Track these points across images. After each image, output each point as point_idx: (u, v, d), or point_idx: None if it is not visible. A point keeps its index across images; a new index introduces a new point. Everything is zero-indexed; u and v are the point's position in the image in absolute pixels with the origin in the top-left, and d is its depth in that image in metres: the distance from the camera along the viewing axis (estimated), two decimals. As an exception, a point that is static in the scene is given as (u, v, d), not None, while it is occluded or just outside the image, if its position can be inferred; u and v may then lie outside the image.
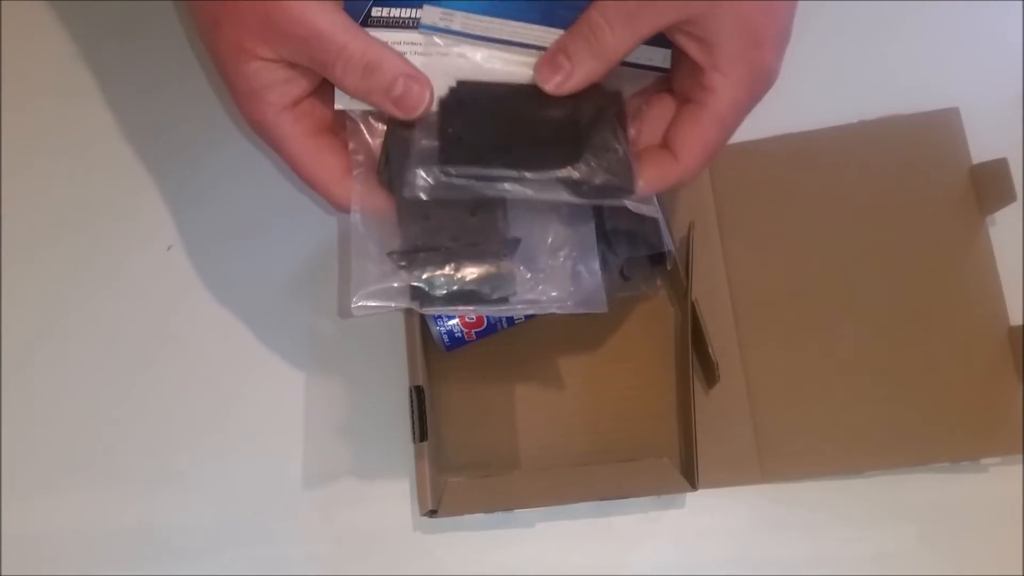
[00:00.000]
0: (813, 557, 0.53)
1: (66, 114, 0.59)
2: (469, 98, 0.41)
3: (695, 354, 0.52)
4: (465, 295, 0.42)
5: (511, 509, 0.53)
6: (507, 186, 0.40)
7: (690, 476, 0.50)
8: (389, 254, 0.42)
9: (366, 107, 0.41)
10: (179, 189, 0.58)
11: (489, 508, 0.52)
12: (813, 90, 0.57)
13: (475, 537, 0.53)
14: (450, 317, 0.52)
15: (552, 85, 0.39)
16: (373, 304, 0.42)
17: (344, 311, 0.56)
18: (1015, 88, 0.58)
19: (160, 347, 0.56)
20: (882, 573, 0.52)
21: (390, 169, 0.41)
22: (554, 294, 0.44)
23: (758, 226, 0.56)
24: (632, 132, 0.43)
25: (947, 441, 0.53)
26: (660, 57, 0.42)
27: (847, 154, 0.56)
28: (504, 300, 0.43)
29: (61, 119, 0.59)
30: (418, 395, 0.50)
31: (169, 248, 0.57)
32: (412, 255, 0.42)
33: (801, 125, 0.57)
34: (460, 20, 0.41)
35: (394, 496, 0.54)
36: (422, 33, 0.41)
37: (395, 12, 0.41)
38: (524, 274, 0.44)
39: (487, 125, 0.41)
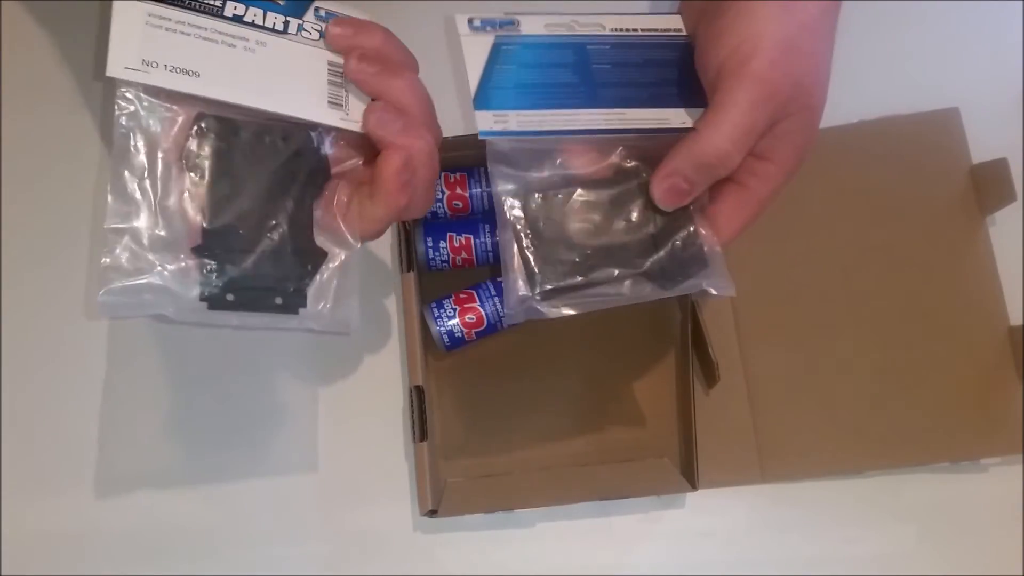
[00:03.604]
0: (813, 557, 0.53)
1: (67, 116, 0.59)
2: (541, 208, 0.43)
3: (695, 354, 0.52)
4: (248, 300, 0.40)
5: (511, 509, 0.53)
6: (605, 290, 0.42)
7: (690, 476, 0.50)
8: (193, 249, 0.39)
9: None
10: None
11: (489, 508, 0.52)
12: (813, 90, 0.57)
13: (475, 537, 0.54)
14: (450, 317, 0.52)
15: (671, 205, 0.42)
16: (124, 301, 0.38)
17: (92, 310, 0.55)
18: (1015, 88, 0.58)
19: (159, 347, 0.56)
20: (882, 573, 0.52)
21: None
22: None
23: (758, 226, 0.56)
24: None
25: (947, 441, 0.53)
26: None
27: (847, 154, 0.56)
28: (289, 310, 0.41)
29: (62, 121, 0.59)
30: (418, 395, 0.50)
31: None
32: (215, 250, 0.39)
33: (801, 125, 0.57)
34: (514, 119, 0.42)
35: (394, 496, 0.54)
36: (213, 19, 0.40)
37: None
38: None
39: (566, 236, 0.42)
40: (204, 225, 0.39)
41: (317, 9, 0.41)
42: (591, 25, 0.44)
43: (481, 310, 0.53)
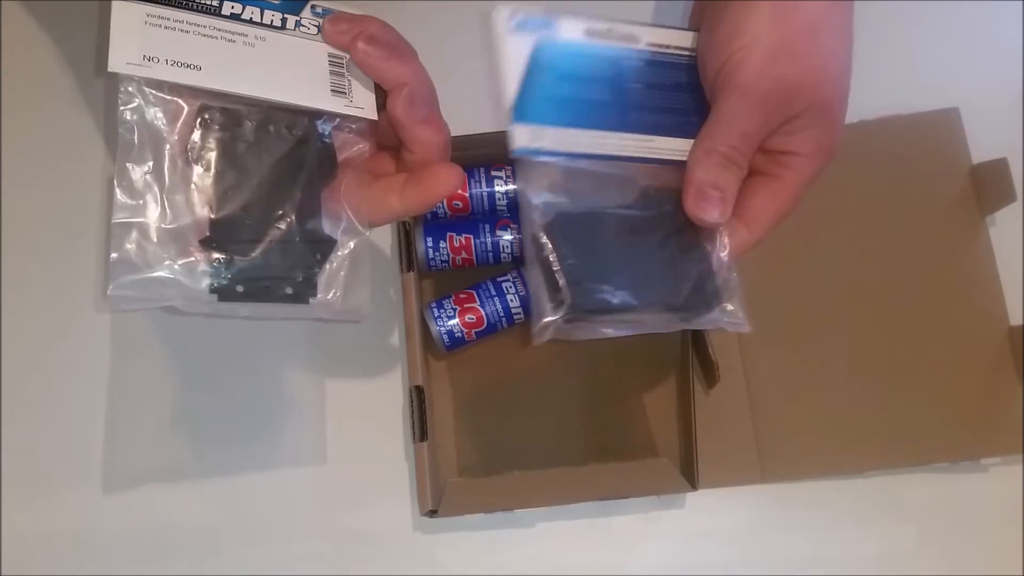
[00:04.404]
0: (813, 557, 0.53)
1: (70, 113, 0.59)
2: (571, 228, 0.41)
3: (695, 354, 0.52)
4: (258, 291, 0.40)
5: (511, 509, 0.53)
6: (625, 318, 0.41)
7: (690, 476, 0.50)
8: (201, 241, 0.39)
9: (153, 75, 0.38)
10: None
11: (489, 508, 0.52)
12: (813, 90, 0.57)
13: (475, 537, 0.54)
14: (450, 317, 0.52)
15: (716, 218, 0.41)
16: (134, 295, 0.38)
17: (102, 304, 0.54)
18: (1015, 88, 0.58)
19: (159, 347, 0.56)
20: (882, 573, 0.52)
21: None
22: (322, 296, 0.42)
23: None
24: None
25: (947, 441, 0.53)
26: None
27: (847, 154, 0.56)
28: (300, 300, 0.40)
29: (62, 122, 0.59)
30: (418, 395, 0.50)
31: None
32: (221, 244, 0.39)
33: (801, 125, 0.57)
34: (550, 137, 0.40)
35: (394, 496, 0.54)
36: (211, 17, 0.39)
37: None
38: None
39: (598, 255, 0.41)
40: (211, 216, 0.39)
41: (314, 7, 0.41)
42: (627, 37, 0.43)
43: (481, 310, 0.53)
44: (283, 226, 0.40)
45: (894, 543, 0.53)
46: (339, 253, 0.41)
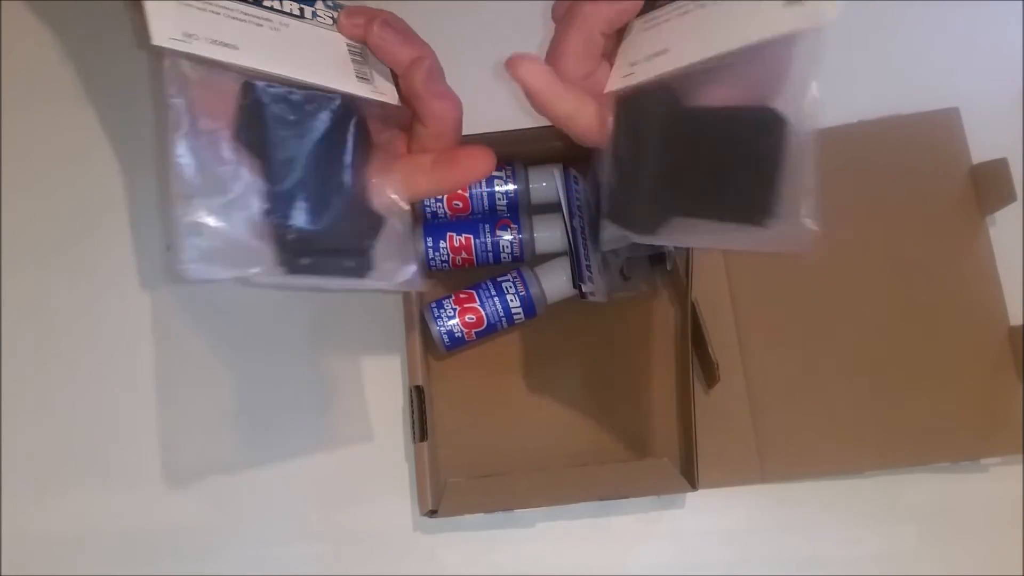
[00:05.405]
0: (813, 557, 0.53)
1: (67, 117, 0.59)
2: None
3: (695, 354, 0.52)
4: (322, 264, 0.40)
5: (511, 509, 0.53)
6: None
7: (690, 476, 0.50)
8: (265, 212, 0.39)
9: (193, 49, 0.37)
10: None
11: (489, 508, 0.52)
12: (813, 90, 0.57)
13: (475, 537, 0.54)
14: (450, 317, 0.52)
15: None
16: (207, 268, 0.38)
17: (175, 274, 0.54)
18: (1015, 88, 0.58)
19: (159, 347, 0.56)
20: (882, 573, 0.52)
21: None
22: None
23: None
24: None
25: (947, 441, 0.53)
26: None
27: (847, 154, 0.56)
28: (358, 274, 0.41)
29: (63, 122, 0.59)
30: (418, 395, 0.50)
31: (168, 248, 0.57)
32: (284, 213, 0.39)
33: (801, 125, 0.57)
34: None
35: (394, 496, 0.54)
36: (237, 1, 0.39)
37: None
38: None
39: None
40: (271, 191, 0.39)
41: None
42: None
43: (481, 310, 0.53)
44: (339, 202, 0.40)
45: (894, 543, 0.53)
46: (387, 228, 0.42)
